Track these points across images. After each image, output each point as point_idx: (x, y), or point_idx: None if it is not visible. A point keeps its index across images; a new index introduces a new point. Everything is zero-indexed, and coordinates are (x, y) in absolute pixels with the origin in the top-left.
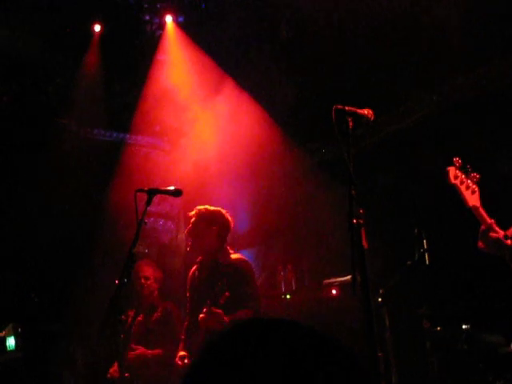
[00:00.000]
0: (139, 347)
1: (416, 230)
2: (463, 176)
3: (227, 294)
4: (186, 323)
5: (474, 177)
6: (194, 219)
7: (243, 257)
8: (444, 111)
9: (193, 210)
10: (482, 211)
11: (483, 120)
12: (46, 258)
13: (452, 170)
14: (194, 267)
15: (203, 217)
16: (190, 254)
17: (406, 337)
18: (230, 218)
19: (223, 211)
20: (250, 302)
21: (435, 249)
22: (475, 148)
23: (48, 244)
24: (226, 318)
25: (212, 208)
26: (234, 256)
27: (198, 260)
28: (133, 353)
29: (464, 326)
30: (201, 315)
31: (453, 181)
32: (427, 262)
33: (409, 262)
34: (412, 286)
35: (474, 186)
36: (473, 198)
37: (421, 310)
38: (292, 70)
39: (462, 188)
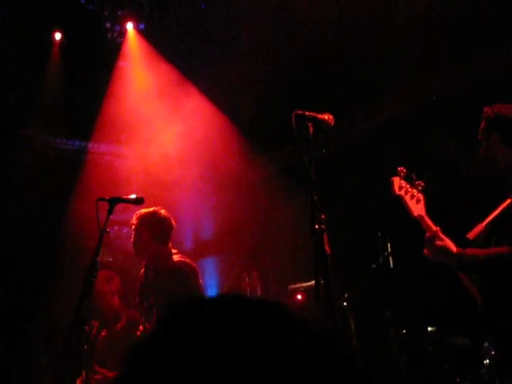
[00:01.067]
0: (101, 370)
1: (380, 234)
2: (408, 186)
3: (152, 299)
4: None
5: (419, 185)
6: (134, 224)
7: (184, 259)
8: (406, 115)
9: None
10: (427, 219)
11: (446, 123)
12: (13, 266)
13: (396, 181)
14: (141, 271)
15: (137, 220)
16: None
17: (372, 340)
18: (166, 216)
19: (159, 210)
20: None
21: (399, 252)
22: (438, 151)
23: (14, 253)
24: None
25: (145, 210)
26: (175, 258)
27: (143, 263)
28: (96, 376)
29: (429, 329)
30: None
31: (397, 192)
32: (391, 266)
33: (373, 266)
34: (377, 289)
35: (419, 195)
36: (417, 208)
37: (386, 314)
38: (253, 77)
39: (407, 198)
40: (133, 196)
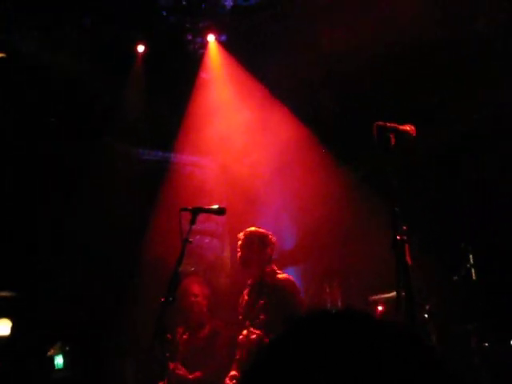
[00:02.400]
0: (183, 369)
1: (462, 245)
2: None
3: (262, 316)
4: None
5: None
6: (245, 241)
7: (288, 277)
8: (487, 123)
9: (241, 232)
10: None
11: None
12: (94, 275)
13: None
14: (245, 290)
15: (256, 238)
16: (242, 275)
17: (454, 353)
18: (275, 241)
19: (269, 234)
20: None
21: (481, 263)
22: None
23: (96, 262)
24: (266, 340)
25: (261, 230)
26: (280, 276)
27: (248, 283)
28: (177, 371)
29: None
30: (240, 337)
31: None
32: (474, 277)
33: (455, 278)
34: (458, 301)
35: None
36: None
37: (468, 326)
38: (336, 87)
39: None
40: (215, 206)
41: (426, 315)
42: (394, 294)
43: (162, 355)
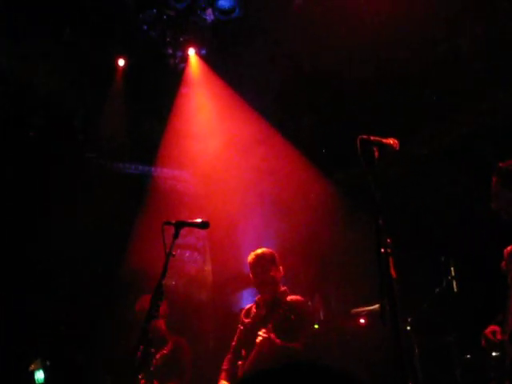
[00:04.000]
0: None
1: (443, 258)
2: None
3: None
4: (229, 355)
5: None
6: (260, 260)
7: (301, 297)
8: (467, 136)
9: (251, 254)
10: None
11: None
12: (75, 290)
13: None
14: (251, 305)
15: (270, 258)
16: (260, 291)
17: (436, 365)
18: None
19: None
20: (303, 339)
21: (463, 276)
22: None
23: (75, 276)
24: (277, 341)
25: (267, 251)
26: (291, 297)
27: (256, 299)
28: None
29: (494, 354)
30: (258, 338)
31: None
32: (455, 290)
33: (437, 290)
34: (440, 313)
35: None
36: None
37: (450, 338)
38: (314, 103)
39: None
40: (198, 220)
41: (409, 327)
42: (375, 306)
43: (145, 368)
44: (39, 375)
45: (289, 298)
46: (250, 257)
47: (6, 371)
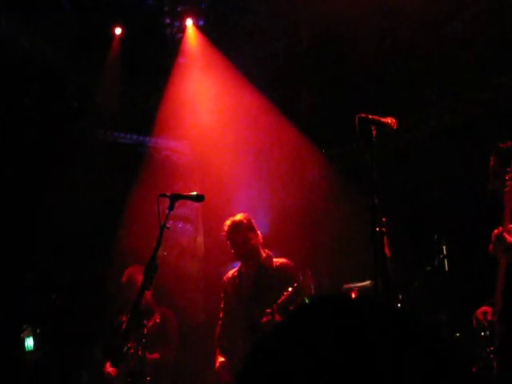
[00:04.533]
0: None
1: (435, 236)
2: None
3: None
4: (219, 328)
5: None
6: (239, 228)
7: (287, 260)
8: (464, 117)
9: (227, 220)
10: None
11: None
12: (68, 259)
13: None
14: (232, 273)
15: (249, 225)
16: (236, 261)
17: None
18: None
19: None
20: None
21: (454, 254)
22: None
23: (70, 246)
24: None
25: (242, 217)
26: (278, 260)
27: (237, 268)
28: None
29: (483, 334)
30: (264, 319)
31: None
32: (446, 268)
33: (428, 268)
34: (431, 292)
35: None
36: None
37: (441, 316)
38: (313, 77)
39: None
40: (193, 193)
41: (399, 305)
42: (366, 282)
43: (137, 339)
44: (29, 342)
45: (275, 262)
46: (227, 225)
47: None
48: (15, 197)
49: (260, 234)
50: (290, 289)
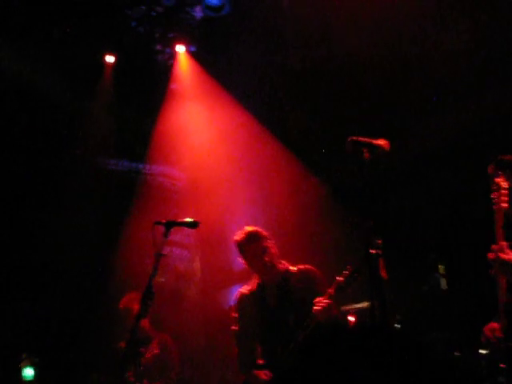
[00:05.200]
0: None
1: (432, 256)
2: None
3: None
4: (242, 354)
5: None
6: (256, 238)
7: (307, 265)
8: (458, 136)
9: (237, 235)
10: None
11: (500, 144)
12: (64, 287)
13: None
14: (246, 291)
15: (264, 233)
16: (263, 276)
17: (424, 362)
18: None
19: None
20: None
21: (451, 274)
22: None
23: (66, 275)
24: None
25: (256, 229)
26: (295, 268)
27: (254, 285)
28: None
29: (482, 351)
30: (316, 308)
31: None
32: (444, 287)
33: (425, 288)
34: (429, 311)
35: None
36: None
37: (438, 335)
38: (305, 100)
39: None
40: (188, 219)
41: (398, 326)
42: (364, 304)
43: (134, 368)
44: (28, 372)
45: (292, 269)
46: (241, 237)
47: None
48: (5, 228)
49: (274, 242)
50: (291, 298)
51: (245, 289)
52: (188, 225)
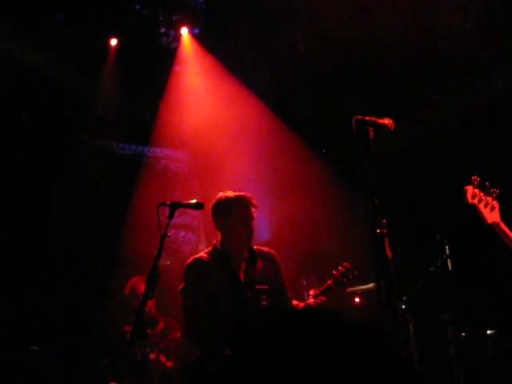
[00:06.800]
0: (162, 357)
1: (438, 236)
2: (482, 194)
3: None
4: (200, 317)
5: (494, 192)
6: (251, 203)
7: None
8: (466, 118)
9: (227, 193)
10: (503, 226)
11: (507, 127)
12: (70, 270)
13: (469, 190)
14: (204, 256)
15: (250, 201)
16: (241, 244)
17: (431, 343)
18: None
19: None
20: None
21: (458, 254)
22: (498, 155)
23: (71, 257)
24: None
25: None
26: (259, 247)
27: (215, 252)
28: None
29: (489, 332)
30: (311, 301)
31: (470, 201)
32: (450, 268)
33: (431, 268)
34: (435, 292)
35: (494, 202)
36: (492, 215)
37: (444, 316)
38: (310, 81)
39: (481, 207)
40: (193, 201)
41: (404, 306)
42: (370, 285)
43: (141, 350)
44: None
45: (257, 248)
46: (232, 196)
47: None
48: (14, 210)
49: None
50: (259, 268)
51: (198, 255)
52: (193, 206)
